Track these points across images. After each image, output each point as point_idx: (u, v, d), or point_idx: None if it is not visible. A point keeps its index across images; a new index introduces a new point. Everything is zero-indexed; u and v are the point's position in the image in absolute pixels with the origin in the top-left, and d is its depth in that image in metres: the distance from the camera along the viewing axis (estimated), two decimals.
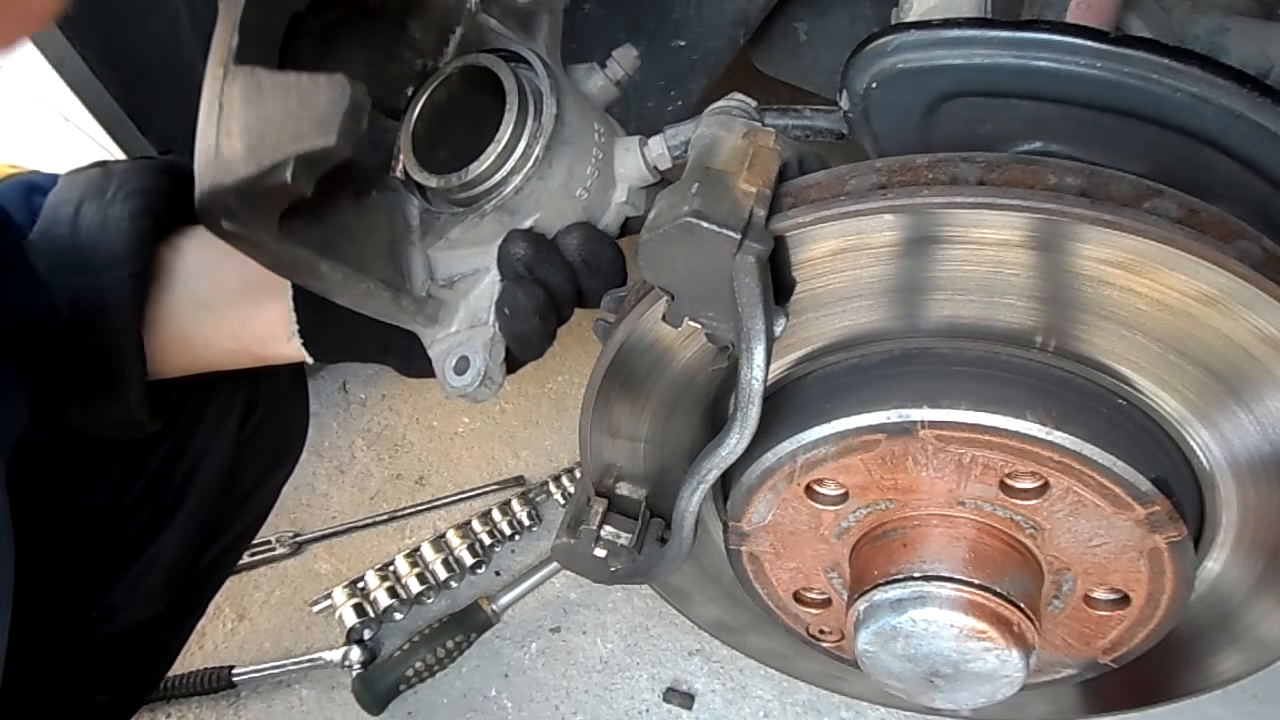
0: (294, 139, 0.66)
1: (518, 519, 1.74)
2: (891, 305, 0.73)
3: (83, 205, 0.78)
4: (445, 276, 0.83)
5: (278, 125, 0.66)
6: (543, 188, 0.81)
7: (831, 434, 0.76)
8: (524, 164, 0.79)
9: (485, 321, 0.82)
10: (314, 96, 0.66)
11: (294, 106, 0.66)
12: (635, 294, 0.81)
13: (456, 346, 0.82)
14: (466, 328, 0.83)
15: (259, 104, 0.66)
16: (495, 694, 1.54)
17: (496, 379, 0.81)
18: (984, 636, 0.75)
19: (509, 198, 0.80)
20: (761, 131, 0.74)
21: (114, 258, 0.77)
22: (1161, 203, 0.65)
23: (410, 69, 0.81)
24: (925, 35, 0.72)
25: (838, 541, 0.85)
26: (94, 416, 0.79)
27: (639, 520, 0.90)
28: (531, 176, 0.80)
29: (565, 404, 1.95)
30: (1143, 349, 0.69)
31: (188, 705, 1.54)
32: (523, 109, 0.79)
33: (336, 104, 0.65)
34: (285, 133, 0.66)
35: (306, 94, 0.66)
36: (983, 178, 0.67)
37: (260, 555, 1.72)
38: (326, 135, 0.66)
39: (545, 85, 0.79)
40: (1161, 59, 0.67)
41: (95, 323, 0.76)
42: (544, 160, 0.79)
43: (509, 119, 0.78)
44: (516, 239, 0.80)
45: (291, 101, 0.66)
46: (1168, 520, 0.72)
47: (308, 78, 0.66)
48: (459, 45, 0.82)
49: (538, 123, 0.79)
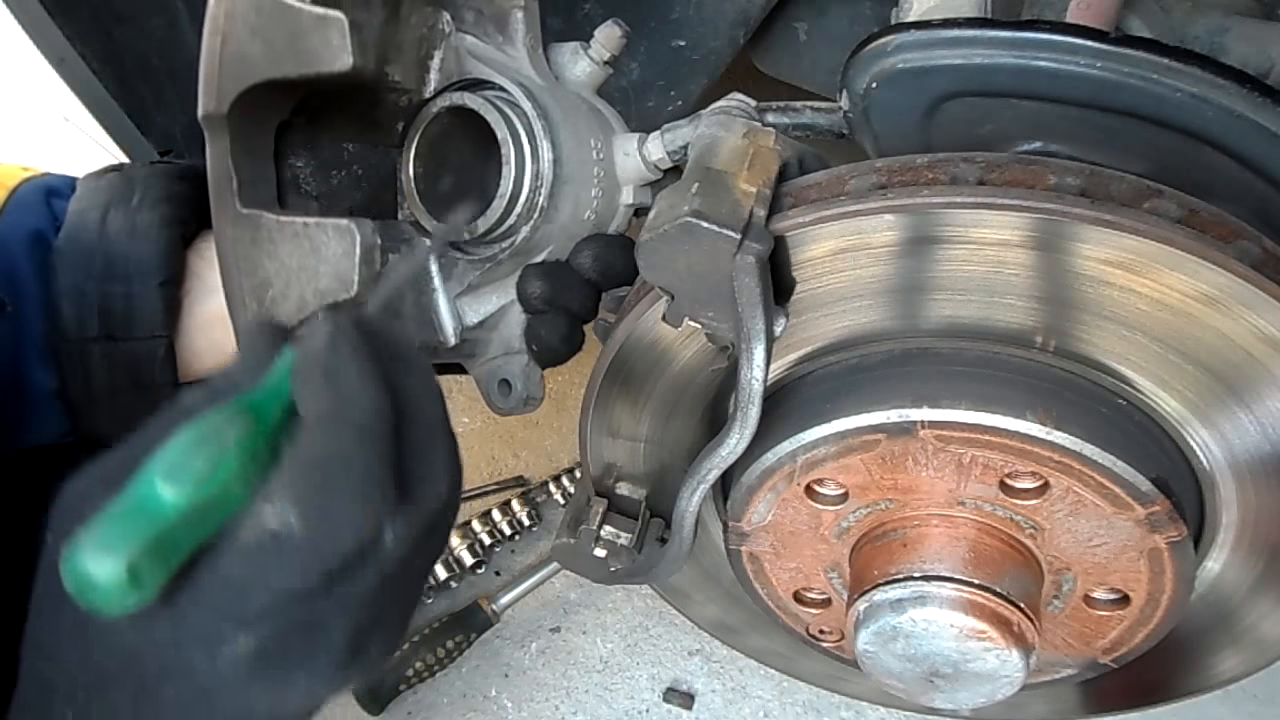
0: (317, 295, 0.69)
1: (518, 519, 1.74)
2: (891, 305, 0.73)
3: (109, 212, 0.78)
4: (475, 320, 0.85)
5: (298, 278, 0.69)
6: (552, 228, 0.83)
7: (831, 434, 0.76)
8: (530, 213, 0.81)
9: (517, 349, 0.86)
10: (325, 246, 0.68)
11: (308, 258, 0.68)
12: (635, 294, 0.81)
13: (496, 371, 0.87)
14: (502, 354, 0.87)
15: (273, 255, 0.69)
16: (495, 694, 1.54)
17: (538, 396, 0.87)
18: (984, 636, 0.75)
19: (521, 245, 0.82)
20: (761, 131, 0.74)
21: (144, 266, 0.77)
22: (1161, 203, 0.65)
23: (396, 107, 0.81)
24: (925, 35, 0.72)
25: (838, 541, 0.85)
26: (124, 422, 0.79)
27: (639, 520, 0.90)
28: (539, 224, 0.81)
29: (565, 404, 1.95)
30: (1143, 349, 0.69)
31: None
32: (519, 158, 0.79)
33: (349, 254, 0.68)
34: (308, 287, 0.68)
35: (317, 244, 0.68)
36: (983, 178, 0.67)
37: None
38: (347, 288, 0.68)
39: (537, 127, 0.79)
40: (1161, 59, 0.67)
41: (126, 329, 0.77)
42: (549, 206, 0.81)
43: (507, 173, 0.79)
44: (530, 277, 0.82)
45: (304, 252, 0.68)
46: (1168, 520, 0.72)
47: (315, 225, 0.68)
48: (440, 71, 0.81)
49: (536, 167, 0.80)
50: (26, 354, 0.74)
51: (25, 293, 0.74)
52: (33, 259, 0.75)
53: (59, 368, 0.76)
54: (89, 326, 0.76)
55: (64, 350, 0.76)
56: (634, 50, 1.22)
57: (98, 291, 0.76)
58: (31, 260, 0.75)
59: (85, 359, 0.76)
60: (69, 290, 0.76)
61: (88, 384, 0.77)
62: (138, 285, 0.77)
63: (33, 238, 0.76)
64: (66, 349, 0.76)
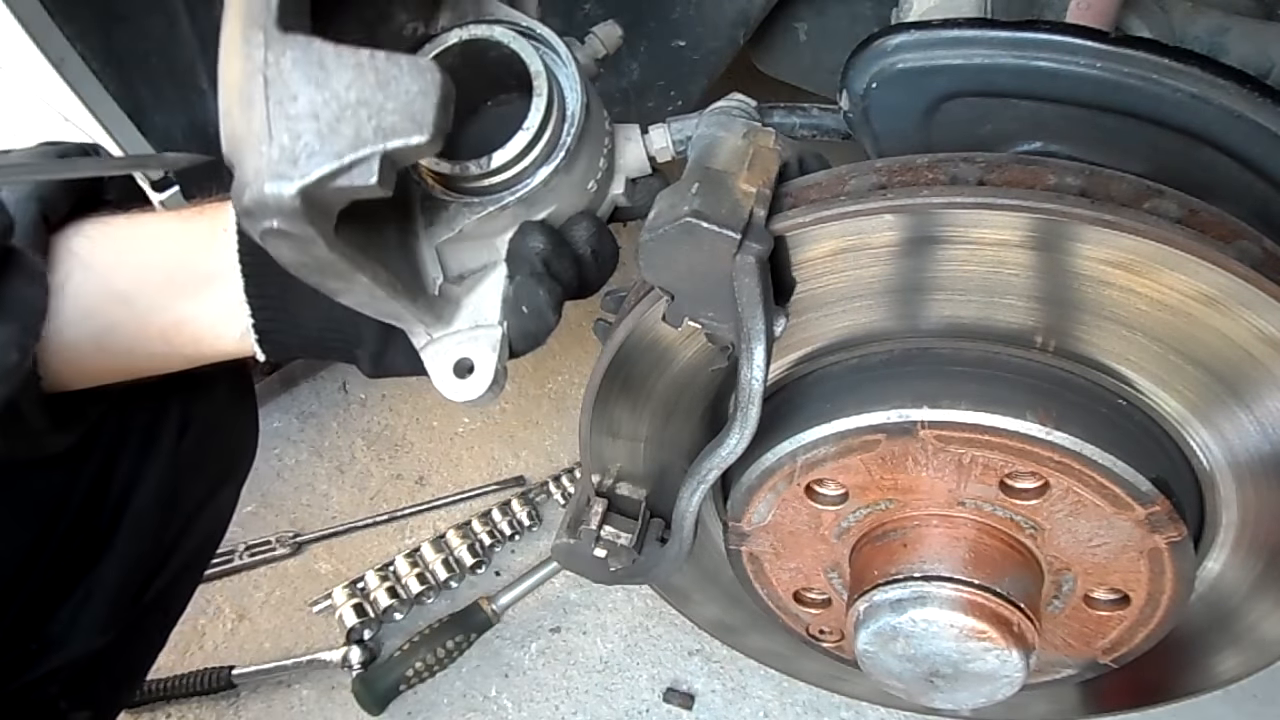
0: (380, 132, 0.56)
1: (518, 519, 1.74)
2: (891, 305, 0.73)
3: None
4: (455, 273, 0.77)
5: (355, 112, 0.56)
6: (566, 180, 0.76)
7: (831, 434, 0.76)
8: (554, 155, 0.74)
9: (491, 321, 0.76)
10: (398, 82, 0.57)
11: (372, 92, 0.57)
12: (635, 294, 0.81)
13: (455, 347, 0.75)
14: (469, 327, 0.76)
15: (325, 84, 0.56)
16: (495, 694, 1.54)
17: (502, 381, 0.75)
18: (984, 637, 0.75)
19: (536, 190, 0.74)
20: (761, 131, 0.74)
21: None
22: (1161, 203, 0.65)
23: (401, 34, 0.74)
24: (925, 35, 0.72)
25: (838, 541, 0.85)
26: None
27: (639, 520, 0.90)
28: (560, 169, 0.74)
29: (565, 404, 1.95)
30: (1143, 349, 0.69)
31: (187, 705, 1.54)
32: (552, 92, 0.73)
33: (427, 93, 0.56)
34: (367, 123, 0.56)
35: (387, 78, 0.57)
36: (983, 178, 0.67)
37: (260, 555, 1.72)
38: (422, 130, 0.56)
39: (572, 68, 0.74)
40: (1161, 59, 0.67)
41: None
42: (574, 151, 0.74)
43: (538, 104, 0.72)
44: (534, 232, 0.75)
45: (368, 85, 0.57)
46: (1168, 520, 0.72)
47: (386, 57, 0.56)
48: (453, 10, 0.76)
49: (563, 110, 0.74)
50: None
51: None
52: None
53: None
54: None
55: None
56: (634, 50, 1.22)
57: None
58: None
59: None
60: None
61: None
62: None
63: None
64: None
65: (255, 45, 0.56)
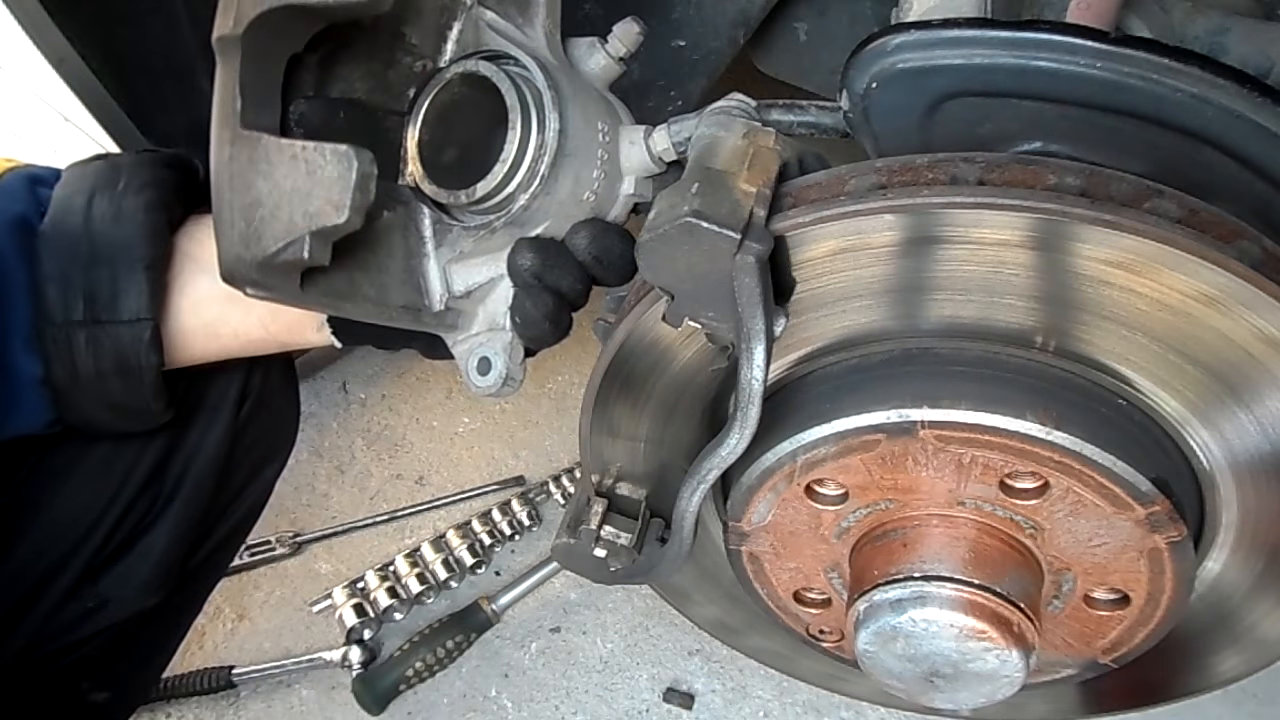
0: (306, 217, 0.67)
1: (518, 519, 1.74)
2: (891, 305, 0.73)
3: (94, 198, 0.78)
4: (462, 289, 0.84)
5: (289, 200, 0.67)
6: (549, 201, 0.82)
7: (831, 434, 0.76)
8: (530, 182, 0.80)
9: (503, 326, 0.84)
10: (321, 170, 0.67)
11: (302, 180, 0.67)
12: (635, 294, 0.81)
13: (477, 348, 0.84)
14: (485, 330, 0.85)
15: (269, 175, 0.68)
16: (495, 694, 1.54)
17: (518, 378, 0.83)
18: (984, 636, 0.75)
19: (517, 214, 0.81)
20: (761, 131, 0.74)
21: (129, 249, 0.77)
22: (1161, 203, 0.65)
23: (410, 72, 0.81)
24: (925, 35, 0.72)
25: (838, 541, 0.85)
26: (107, 406, 0.80)
27: (639, 520, 0.90)
28: (538, 194, 0.81)
29: (565, 404, 1.95)
30: (1143, 349, 0.69)
31: (187, 705, 1.54)
32: (525, 126, 0.79)
33: (344, 178, 0.66)
34: (297, 209, 0.67)
35: (314, 166, 0.67)
36: (983, 178, 0.67)
37: (260, 555, 1.72)
38: (339, 212, 0.67)
39: (547, 97, 0.80)
40: (1161, 59, 0.67)
41: (111, 313, 0.76)
42: (550, 176, 0.80)
43: (512, 138, 0.79)
44: (522, 250, 0.81)
45: (299, 174, 0.67)
46: (1168, 520, 0.72)
47: (313, 149, 0.67)
48: (457, 42, 0.82)
49: (541, 137, 0.79)
50: (11, 341, 0.74)
51: (10, 278, 0.74)
52: (17, 244, 0.75)
53: (44, 354, 0.75)
54: (74, 311, 0.76)
55: (49, 335, 0.75)
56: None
57: (83, 276, 0.76)
58: (16, 246, 0.74)
59: (70, 344, 0.76)
60: (54, 275, 0.75)
61: (73, 369, 0.76)
62: (122, 268, 0.76)
63: (17, 223, 0.76)
64: (52, 333, 0.75)
65: (224, 142, 0.68)
